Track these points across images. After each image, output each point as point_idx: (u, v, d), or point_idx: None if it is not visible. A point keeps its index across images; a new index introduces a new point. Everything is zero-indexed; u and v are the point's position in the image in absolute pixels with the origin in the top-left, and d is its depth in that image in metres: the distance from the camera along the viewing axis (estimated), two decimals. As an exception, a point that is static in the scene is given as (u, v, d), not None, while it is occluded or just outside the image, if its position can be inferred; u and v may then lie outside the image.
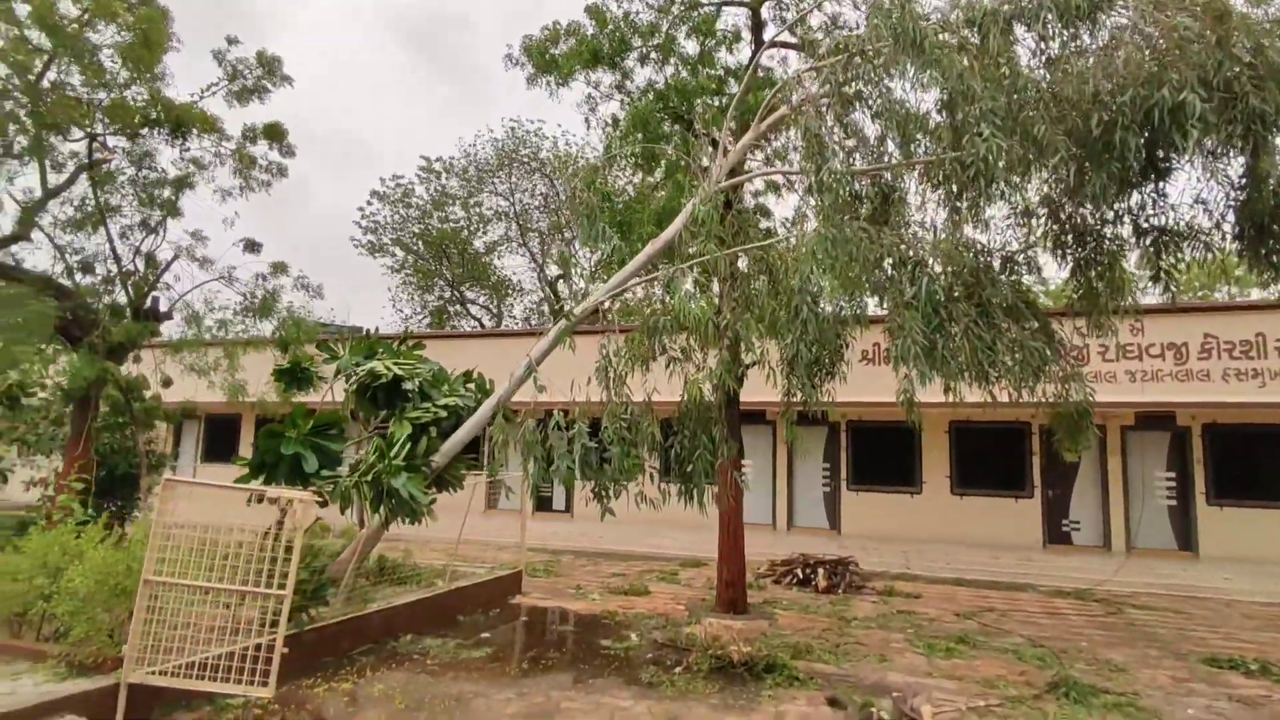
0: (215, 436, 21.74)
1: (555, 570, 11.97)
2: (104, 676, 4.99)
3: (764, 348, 7.37)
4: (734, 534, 9.23)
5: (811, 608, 9.48)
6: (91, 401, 11.58)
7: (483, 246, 31.45)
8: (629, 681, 6.22)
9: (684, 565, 12.78)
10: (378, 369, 6.77)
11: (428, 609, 8.00)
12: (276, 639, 5.03)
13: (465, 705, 5.55)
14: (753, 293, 7.09)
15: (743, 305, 6.77)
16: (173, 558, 5.19)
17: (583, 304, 7.25)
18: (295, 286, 13.88)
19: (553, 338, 7.11)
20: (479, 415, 7.21)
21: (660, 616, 8.68)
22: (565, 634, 7.89)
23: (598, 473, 6.14)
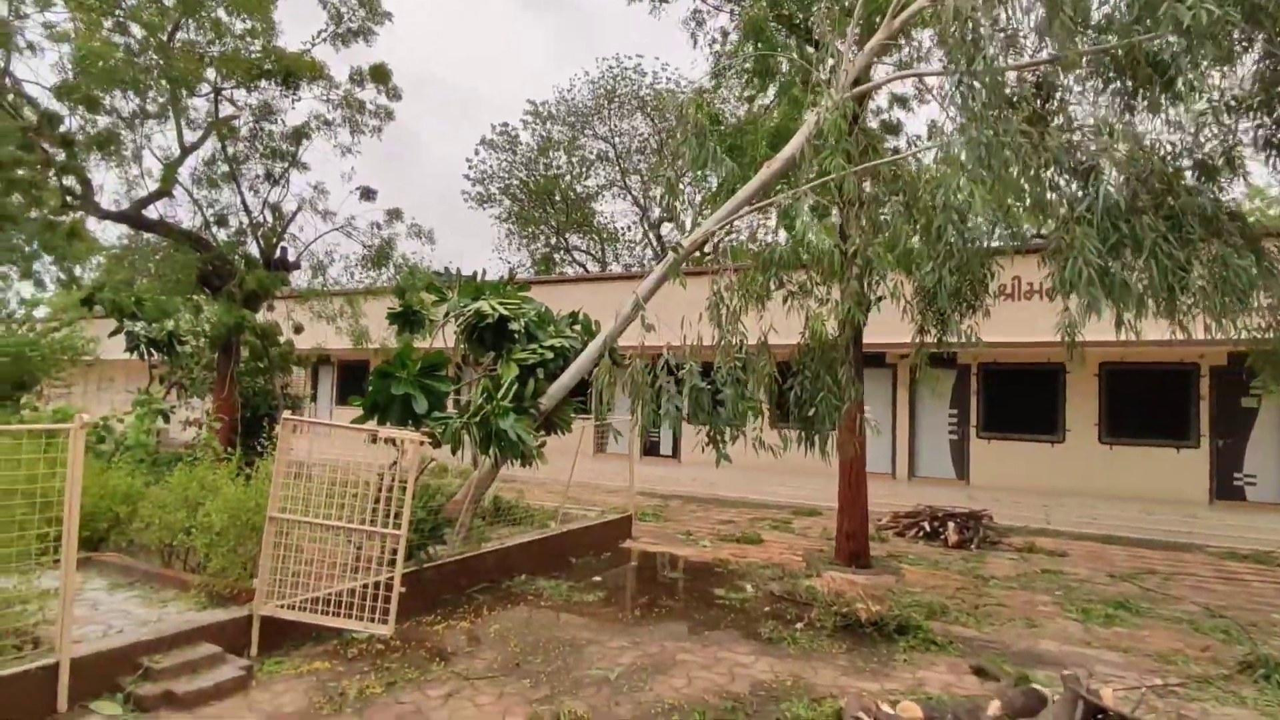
0: (347, 381, 23.13)
1: (664, 515, 11.83)
2: (239, 607, 5.20)
3: (896, 281, 6.59)
4: (856, 483, 8.62)
5: (941, 563, 8.79)
6: (233, 347, 12.39)
7: (586, 191, 31.22)
8: (747, 635, 5.90)
9: (796, 514, 12.31)
10: (484, 309, 6.61)
11: (540, 550, 8.01)
12: (395, 578, 5.04)
13: (579, 651, 5.42)
14: (881, 219, 6.31)
15: (871, 231, 6.02)
16: (297, 495, 5.29)
17: (691, 235, 6.73)
18: (409, 234, 14.16)
19: (660, 272, 6.67)
20: (585, 356, 6.93)
21: (775, 567, 8.30)
22: (677, 581, 7.67)
23: (710, 416, 5.73)
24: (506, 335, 6.90)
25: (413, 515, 5.30)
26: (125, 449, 9.16)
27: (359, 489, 5.35)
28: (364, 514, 5.32)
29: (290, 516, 5.15)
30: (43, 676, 4.06)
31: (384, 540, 5.30)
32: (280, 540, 5.19)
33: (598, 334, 7.86)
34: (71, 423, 4.21)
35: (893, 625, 5.98)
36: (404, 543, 5.01)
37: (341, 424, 5.15)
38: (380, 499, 5.30)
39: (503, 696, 4.58)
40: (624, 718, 4.32)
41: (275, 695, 4.49)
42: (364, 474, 5.66)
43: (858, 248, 5.64)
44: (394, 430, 4.98)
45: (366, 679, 4.76)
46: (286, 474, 5.21)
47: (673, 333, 6.30)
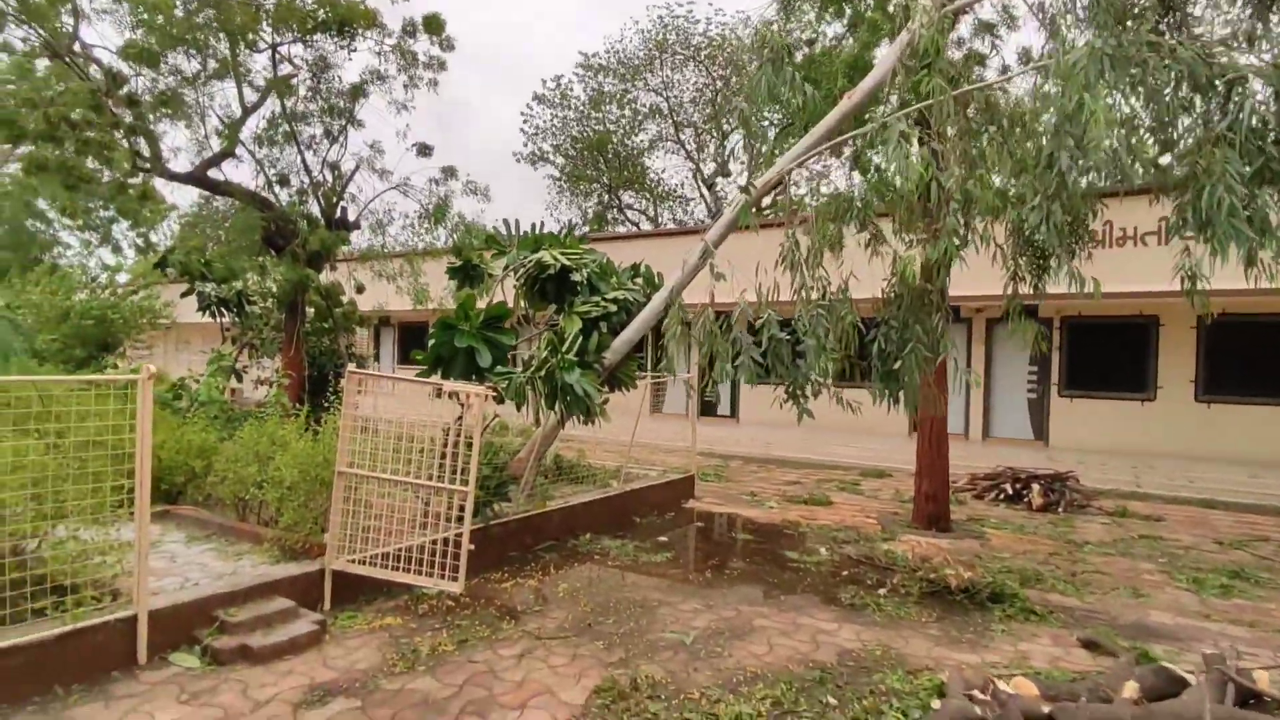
0: (408, 340, 23.46)
1: (725, 475, 11.55)
2: (310, 562, 5.17)
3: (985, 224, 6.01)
4: (937, 442, 8.13)
5: (1027, 528, 8.27)
6: (298, 307, 12.53)
7: (638, 147, 30.52)
8: (826, 600, 5.60)
9: (864, 475, 11.86)
10: (545, 259, 6.34)
11: (604, 509, 7.85)
12: (464, 535, 4.91)
13: (651, 612, 5.22)
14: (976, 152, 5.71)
15: (969, 164, 5.45)
16: (364, 450, 5.19)
17: (765, 174, 6.26)
18: (464, 192, 13.97)
19: (731, 215, 6.24)
20: (651, 309, 6.60)
21: (849, 530, 7.94)
22: (745, 543, 7.40)
23: (790, 369, 5.34)
24: (568, 287, 6.62)
25: (478, 472, 5.14)
26: (200, 405, 9.35)
27: (424, 445, 5.21)
28: (429, 470, 5.20)
29: (358, 471, 5.05)
30: (122, 628, 4.07)
31: (450, 496, 5.17)
32: (349, 495, 5.12)
33: (661, 287, 7.53)
34: (139, 374, 4.13)
35: (985, 593, 5.59)
36: (472, 499, 4.86)
37: (405, 377, 4.99)
38: (446, 455, 5.16)
39: (576, 658, 4.41)
40: (703, 684, 4.09)
41: (349, 651, 4.42)
42: (428, 430, 5.53)
43: (956, 180, 5.09)
44: (459, 384, 4.79)
45: (438, 636, 4.67)
46: (353, 429, 5.11)
47: (740, 286, 5.90)
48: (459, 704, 3.82)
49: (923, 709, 3.80)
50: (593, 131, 29.71)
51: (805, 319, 5.22)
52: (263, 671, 4.12)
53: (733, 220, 6.23)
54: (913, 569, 6.13)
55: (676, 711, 3.77)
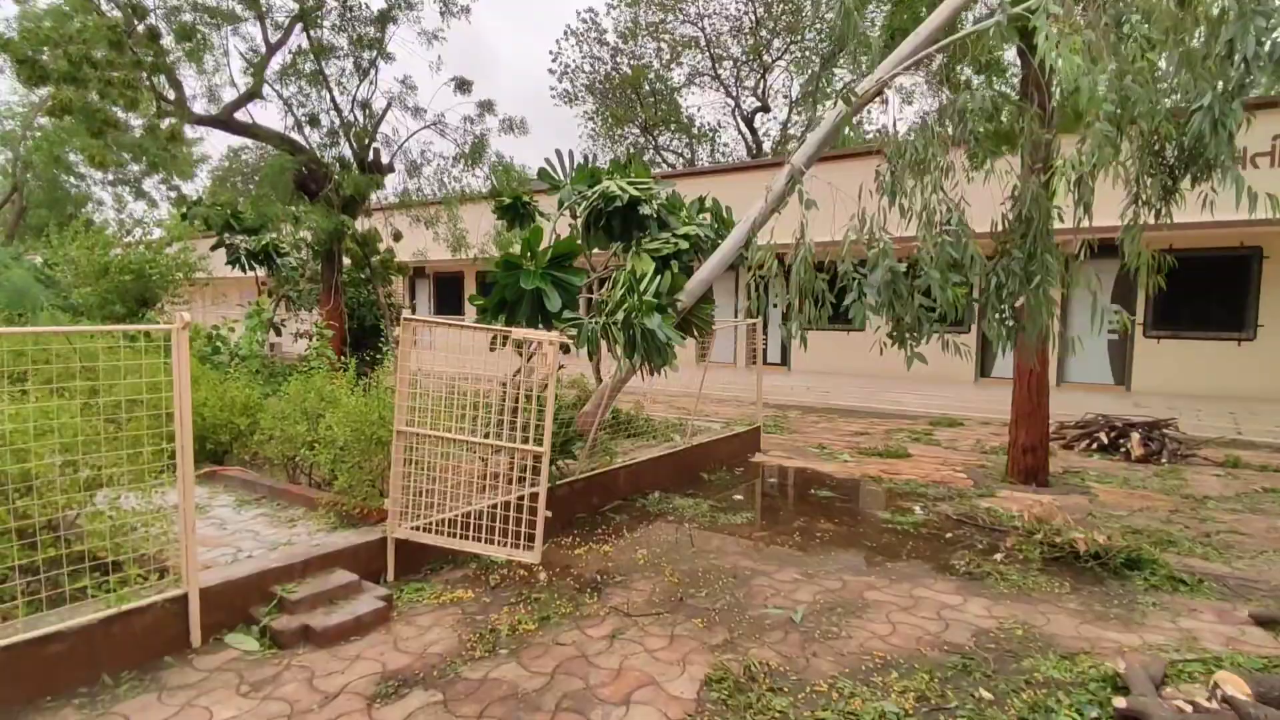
0: (443, 292, 22.99)
1: (786, 426, 10.94)
2: (370, 529, 4.70)
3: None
4: (1037, 390, 7.37)
5: (1133, 481, 7.54)
6: (335, 256, 12.02)
7: (673, 84, 29.08)
8: (939, 568, 5.00)
9: (934, 425, 11.14)
10: (612, 190, 5.63)
11: (670, 465, 7.31)
12: (539, 501, 4.38)
13: (745, 583, 4.68)
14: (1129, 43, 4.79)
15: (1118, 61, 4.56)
16: (420, 407, 4.66)
17: (865, 80, 5.40)
18: (501, 129, 13.18)
19: (826, 131, 5.43)
20: (730, 244, 5.88)
21: (938, 485, 7.30)
22: (827, 501, 6.81)
23: (908, 306, 4.62)
24: (636, 222, 5.91)
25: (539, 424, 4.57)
26: (240, 359, 8.94)
27: (484, 400, 4.65)
28: (491, 427, 4.65)
29: (419, 431, 4.52)
30: (173, 609, 3.64)
31: (512, 456, 4.64)
32: (408, 457, 4.61)
33: (731, 223, 6.78)
34: (174, 324, 3.60)
35: (1120, 558, 4.93)
36: (547, 461, 4.30)
37: (472, 324, 4.41)
38: (507, 411, 4.61)
39: (675, 640, 3.89)
40: (827, 673, 3.55)
41: (420, 632, 3.96)
42: (487, 384, 4.97)
43: (1111, 75, 4.22)
44: (531, 331, 4.19)
45: (516, 613, 4.18)
46: (410, 383, 4.56)
47: (821, 224, 5.13)
48: (553, 698, 3.33)
49: (1100, 706, 3.20)
50: (628, 67, 28.31)
51: (928, 247, 4.46)
52: (328, 657, 3.68)
53: (828, 136, 5.42)
54: (1028, 531, 5.49)
55: (806, 708, 3.23)
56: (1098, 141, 4.38)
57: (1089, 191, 4.62)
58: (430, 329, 4.95)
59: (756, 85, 28.52)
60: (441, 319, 4.15)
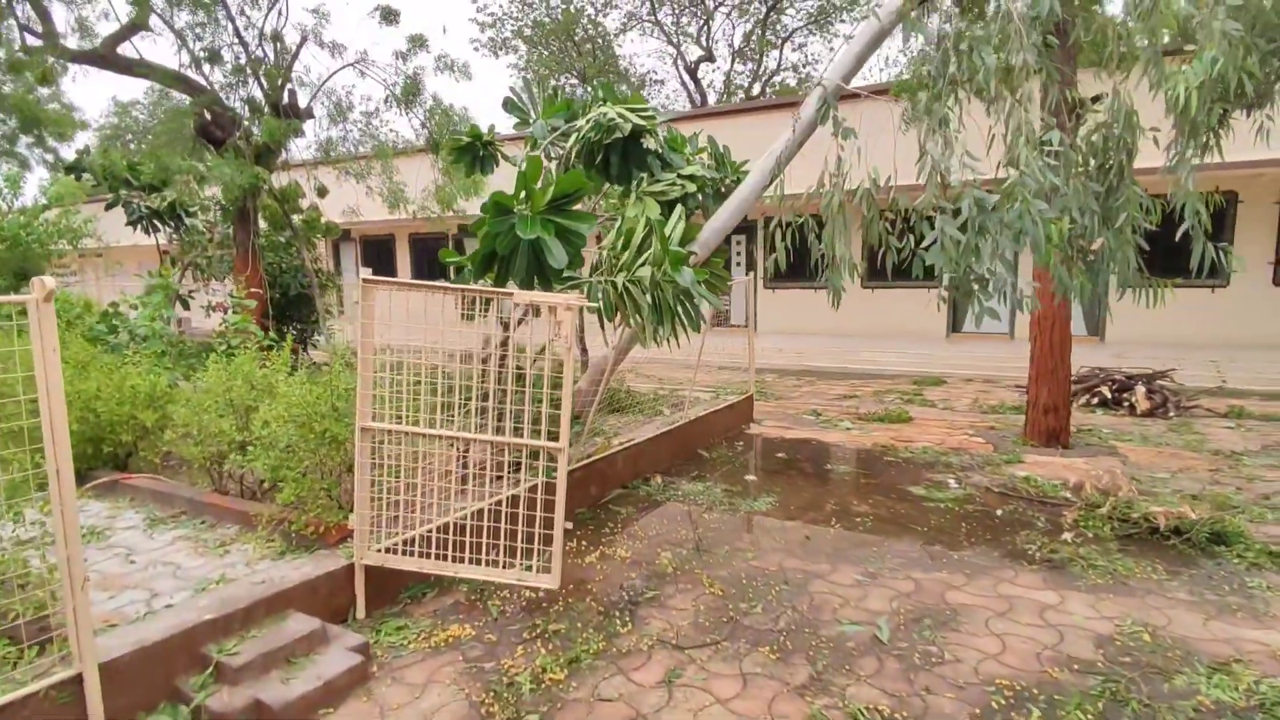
0: (373, 258, 21.23)
1: (769, 392, 10.23)
2: (329, 554, 3.65)
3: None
4: (1059, 345, 6.83)
5: (1152, 437, 7.15)
6: (250, 215, 10.45)
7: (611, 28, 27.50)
8: (1011, 556, 4.33)
9: (919, 384, 10.66)
10: (610, 118, 4.58)
11: (669, 444, 6.45)
12: (557, 511, 3.42)
13: (803, 591, 3.89)
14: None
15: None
16: (381, 394, 3.61)
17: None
18: (438, 68, 11.72)
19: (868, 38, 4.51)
20: (749, 186, 4.96)
21: (959, 453, 6.70)
22: (848, 477, 6.11)
23: (965, 256, 3.81)
24: (638, 160, 4.90)
25: (535, 411, 3.62)
26: (141, 340, 7.50)
27: (461, 380, 3.63)
28: (483, 418, 3.65)
29: (390, 427, 3.47)
30: (63, 695, 2.54)
31: (508, 452, 3.67)
32: (375, 459, 3.56)
33: (736, 166, 5.85)
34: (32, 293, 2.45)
35: (1203, 533, 4.39)
36: (566, 461, 3.34)
37: (451, 286, 3.34)
38: (493, 397, 3.62)
39: (749, 682, 3.06)
40: (954, 716, 2.79)
41: (413, 694, 2.99)
42: (479, 362, 3.94)
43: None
44: (542, 294, 3.17)
45: (534, 653, 3.26)
46: (374, 365, 3.48)
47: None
48: (618, 790, 2.44)
49: (1311, 745, 2.55)
50: (558, 14, 26.52)
51: (1033, 170, 3.64)
52: (293, 748, 2.67)
53: (877, 38, 4.50)
54: (1091, 504, 4.91)
55: (957, 779, 2.46)
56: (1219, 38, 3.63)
57: (1205, 109, 3.87)
58: (391, 293, 3.85)
59: (699, 33, 27.29)
60: (412, 282, 3.08)
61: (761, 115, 15.07)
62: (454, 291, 3.33)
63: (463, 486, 4.03)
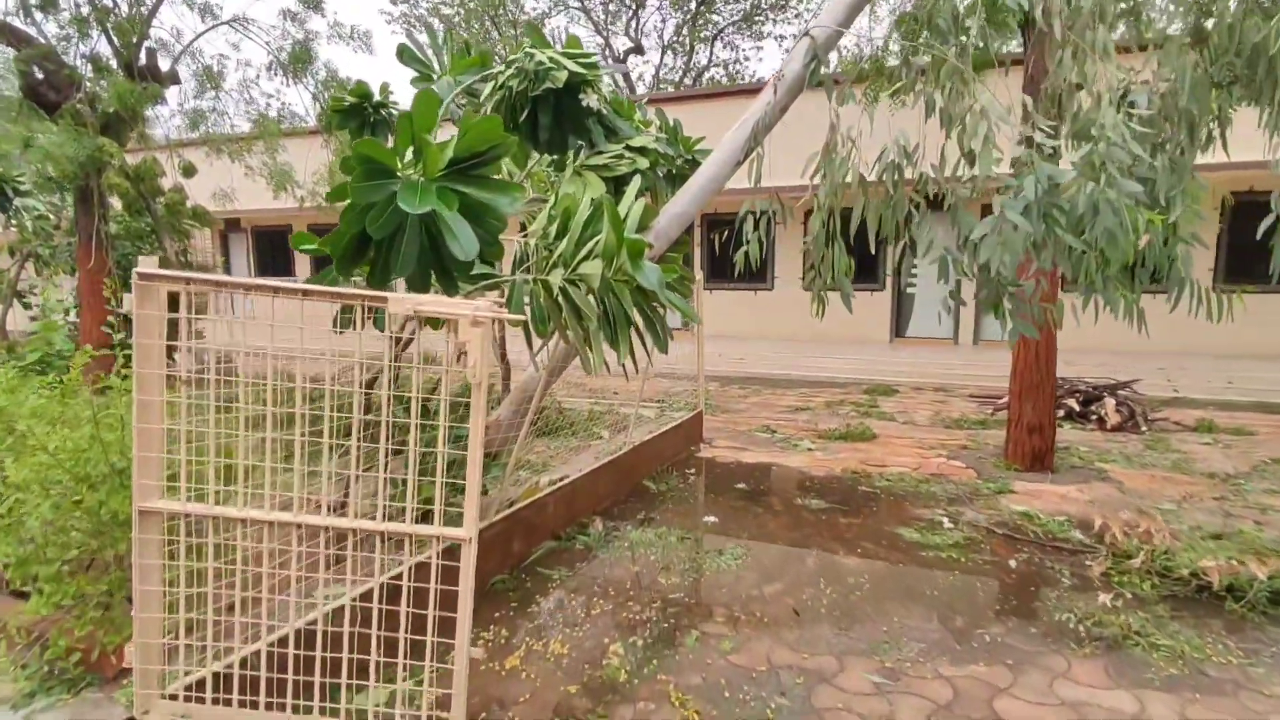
0: (268, 251, 19.11)
1: (715, 404, 9.26)
2: (101, 696, 2.33)
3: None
4: (1045, 357, 6.12)
5: (1135, 457, 6.55)
6: (93, 196, 8.63)
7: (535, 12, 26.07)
8: (1054, 635, 3.43)
9: (871, 393, 9.94)
10: (540, 60, 3.41)
11: (610, 477, 5.32)
12: (459, 636, 2.23)
13: (806, 706, 2.84)
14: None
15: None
16: (201, 434, 2.32)
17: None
18: (332, 35, 10.19)
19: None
20: (715, 166, 3.89)
21: (940, 480, 5.87)
22: (824, 516, 5.15)
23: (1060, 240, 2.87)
24: (574, 122, 3.74)
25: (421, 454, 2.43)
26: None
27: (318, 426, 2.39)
28: (327, 481, 2.41)
29: (188, 508, 2.19)
30: None
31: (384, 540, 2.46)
32: (172, 548, 2.27)
33: (693, 145, 4.78)
34: None
35: (1263, 592, 3.63)
36: (472, 556, 2.15)
37: (292, 286, 2.07)
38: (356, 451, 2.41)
39: None
40: None
41: None
42: (312, 400, 2.69)
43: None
44: (441, 300, 1.97)
45: None
46: (166, 408, 2.19)
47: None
48: None
49: None
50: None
51: (1122, 137, 2.72)
52: None
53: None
54: (1123, 554, 4.10)
55: None
56: None
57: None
58: (216, 296, 2.55)
59: (628, 24, 26.25)
60: (221, 279, 1.80)
61: (712, 103, 14.16)
62: (289, 294, 2.08)
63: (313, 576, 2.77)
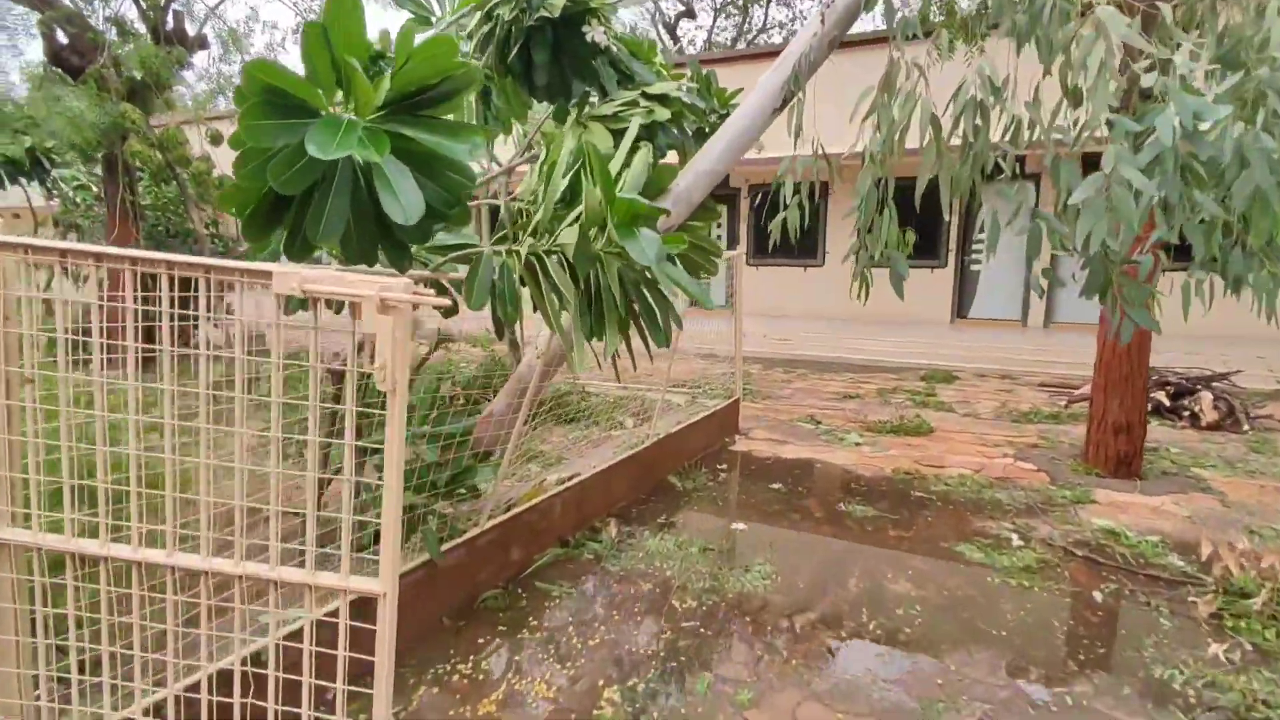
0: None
1: (755, 388, 8.63)
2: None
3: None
4: (1135, 345, 5.30)
5: (1236, 462, 5.69)
6: (117, 165, 8.46)
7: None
8: (1152, 693, 2.77)
9: (929, 380, 9.13)
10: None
11: (630, 472, 4.80)
12: None
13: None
14: None
15: None
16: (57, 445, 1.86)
17: None
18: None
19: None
20: (749, 114, 3.26)
21: (1006, 484, 5.15)
22: (873, 527, 4.52)
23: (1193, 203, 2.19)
24: (577, 61, 3.16)
25: (405, 459, 1.93)
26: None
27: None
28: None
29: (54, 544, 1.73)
30: None
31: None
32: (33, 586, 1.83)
33: (728, 98, 4.13)
34: None
35: None
36: (391, 614, 1.64)
37: (133, 253, 1.58)
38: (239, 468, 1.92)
39: None
40: None
41: None
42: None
43: None
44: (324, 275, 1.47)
45: None
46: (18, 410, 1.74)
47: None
48: None
49: None
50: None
51: (1261, 77, 2.01)
52: None
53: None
54: (1239, 591, 3.37)
55: None
56: None
57: None
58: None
59: (679, -14, 25.16)
60: (83, 247, 1.28)
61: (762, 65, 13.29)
62: (114, 261, 1.56)
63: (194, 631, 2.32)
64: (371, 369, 1.47)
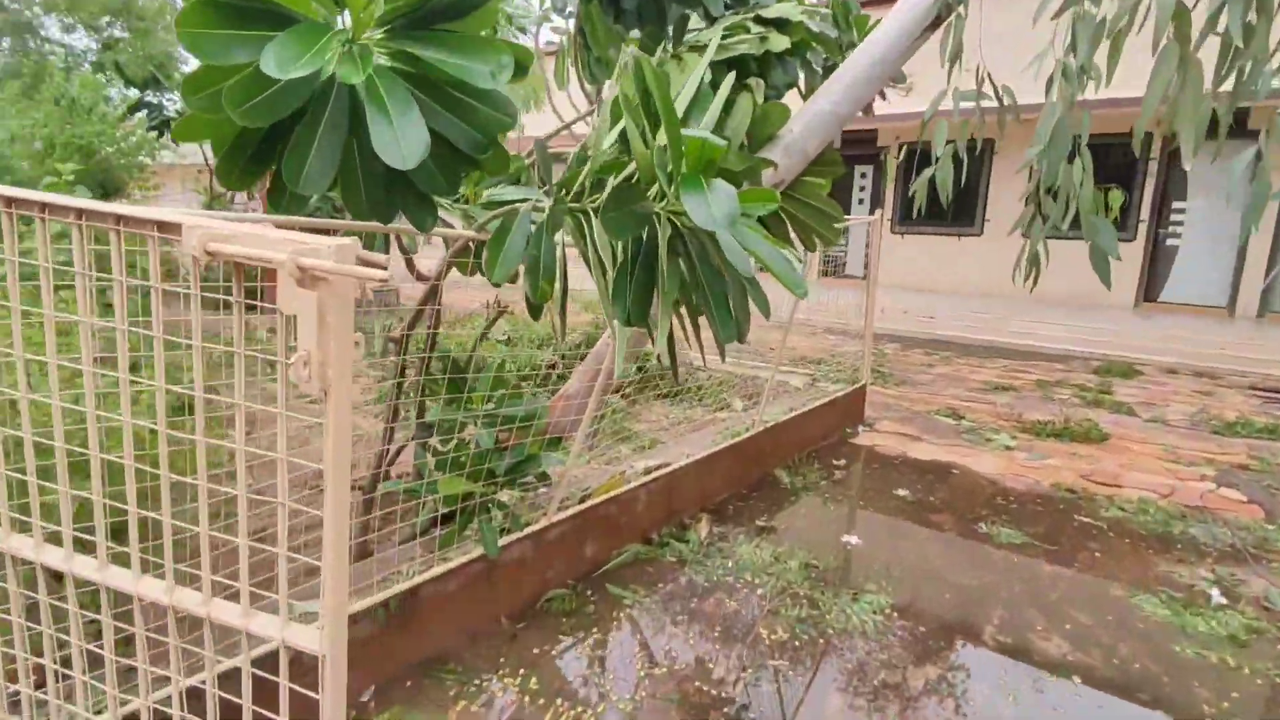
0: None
1: (888, 370, 7.72)
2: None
3: None
4: None
5: None
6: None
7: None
8: None
9: (1101, 373, 7.77)
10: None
11: (729, 462, 4.27)
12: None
13: None
14: None
15: None
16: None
17: None
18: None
19: None
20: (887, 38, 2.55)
21: (1204, 515, 4.12)
22: (1021, 557, 3.73)
23: None
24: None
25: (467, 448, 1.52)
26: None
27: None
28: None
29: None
30: None
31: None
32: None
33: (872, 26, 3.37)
34: None
35: None
36: (339, 678, 1.27)
37: (67, 201, 1.30)
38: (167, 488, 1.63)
39: None
40: None
41: None
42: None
43: None
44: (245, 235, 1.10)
45: None
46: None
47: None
48: None
49: None
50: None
51: None
52: None
53: None
54: None
55: None
56: None
57: None
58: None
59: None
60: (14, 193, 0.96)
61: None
62: (23, 207, 1.25)
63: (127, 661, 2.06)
64: (300, 364, 1.06)
